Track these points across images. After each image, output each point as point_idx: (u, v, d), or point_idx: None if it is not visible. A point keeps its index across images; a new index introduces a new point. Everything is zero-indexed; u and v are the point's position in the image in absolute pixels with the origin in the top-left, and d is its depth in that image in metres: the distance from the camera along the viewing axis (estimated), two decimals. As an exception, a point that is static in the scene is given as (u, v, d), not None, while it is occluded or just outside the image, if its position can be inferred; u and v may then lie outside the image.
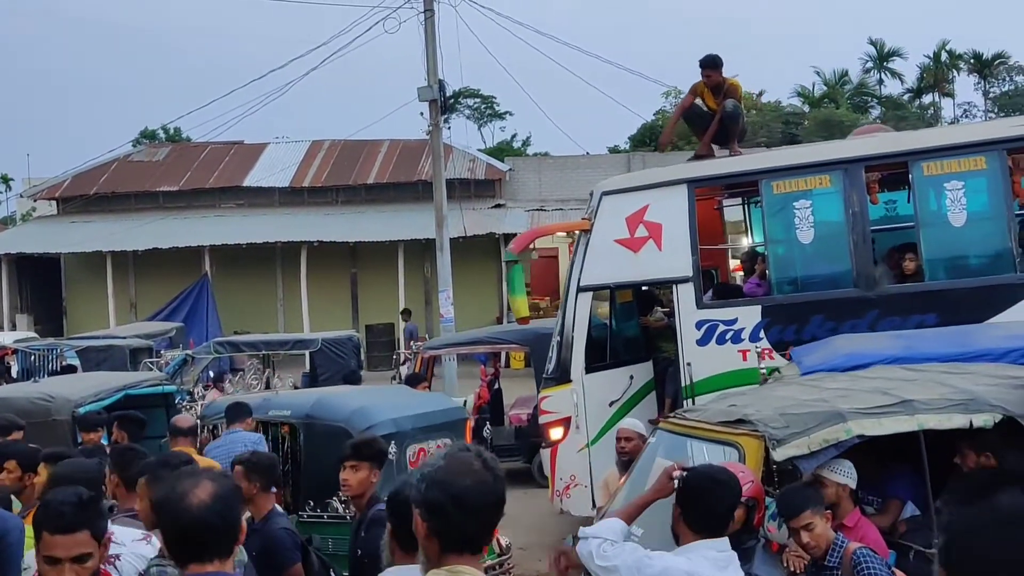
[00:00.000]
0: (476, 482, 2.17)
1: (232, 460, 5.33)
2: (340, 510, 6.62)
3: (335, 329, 19.00)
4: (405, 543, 2.87)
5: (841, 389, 5.14)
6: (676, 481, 3.57)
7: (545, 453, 8.76)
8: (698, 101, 9.20)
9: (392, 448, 6.37)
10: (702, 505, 3.43)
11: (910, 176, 8.04)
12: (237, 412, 7.80)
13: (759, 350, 7.84)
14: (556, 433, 8.42)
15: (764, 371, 7.06)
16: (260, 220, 26.51)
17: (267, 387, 15.45)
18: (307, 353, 15.87)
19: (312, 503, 6.80)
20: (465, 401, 12.83)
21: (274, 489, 5.03)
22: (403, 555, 2.97)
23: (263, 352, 15.87)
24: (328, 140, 30.40)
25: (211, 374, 16.39)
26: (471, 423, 9.22)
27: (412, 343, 16.25)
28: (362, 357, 17.70)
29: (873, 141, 8.72)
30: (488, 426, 10.14)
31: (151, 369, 14.10)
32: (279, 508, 5.08)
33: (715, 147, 9.27)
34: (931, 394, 4.73)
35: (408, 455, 6.81)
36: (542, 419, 8.67)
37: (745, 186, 9.39)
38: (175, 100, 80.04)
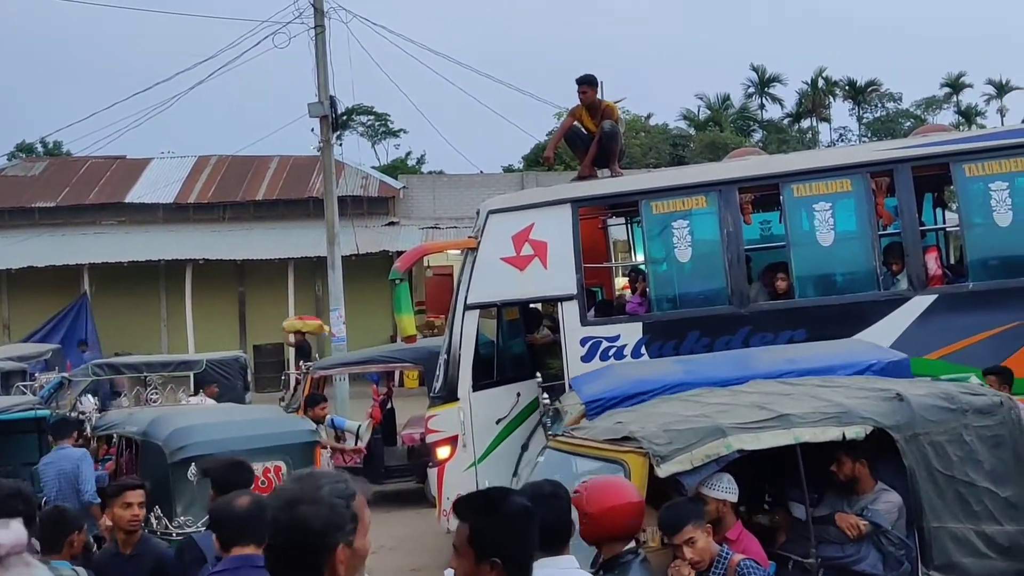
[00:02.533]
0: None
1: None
2: (154, 525, 6.66)
3: (222, 350, 18.52)
4: None
5: (722, 404, 5.31)
6: None
7: (432, 472, 8.74)
8: (577, 124, 9.43)
9: (192, 470, 6.61)
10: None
11: (781, 197, 8.40)
12: (62, 429, 8.02)
13: None
14: (443, 452, 8.42)
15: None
16: (143, 237, 25.68)
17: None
18: (191, 375, 15.42)
19: None
20: (359, 426, 12.67)
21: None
22: None
23: (144, 374, 15.33)
24: (215, 156, 29.72)
25: (91, 397, 15.75)
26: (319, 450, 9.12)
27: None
28: (249, 378, 17.27)
29: (746, 164, 9.07)
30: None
31: (24, 393, 13.48)
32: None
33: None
34: (806, 408, 4.93)
35: None
36: (429, 438, 8.66)
37: (627, 206, 9.64)
38: (55, 112, 76.82)
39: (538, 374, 8.13)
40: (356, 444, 12.29)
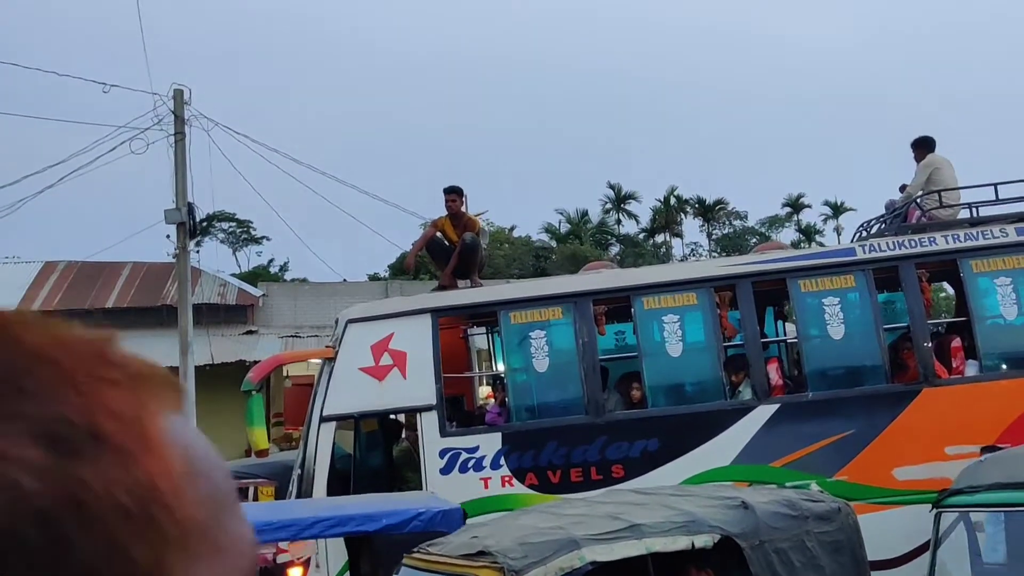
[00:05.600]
0: None
1: None
2: None
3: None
4: None
5: (578, 515, 5.32)
6: None
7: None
8: (439, 235, 9.59)
9: None
10: None
11: (633, 310, 8.69)
12: None
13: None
14: (295, 574, 8.07)
15: None
16: (-21, 346, 24.11)
17: None
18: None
19: None
20: None
21: None
22: None
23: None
24: (64, 261, 28.44)
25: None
26: None
27: None
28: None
29: (600, 276, 9.39)
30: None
31: None
32: None
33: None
34: (657, 517, 5.01)
35: None
36: (280, 558, 8.29)
37: (487, 316, 9.76)
38: None
39: None
40: None
